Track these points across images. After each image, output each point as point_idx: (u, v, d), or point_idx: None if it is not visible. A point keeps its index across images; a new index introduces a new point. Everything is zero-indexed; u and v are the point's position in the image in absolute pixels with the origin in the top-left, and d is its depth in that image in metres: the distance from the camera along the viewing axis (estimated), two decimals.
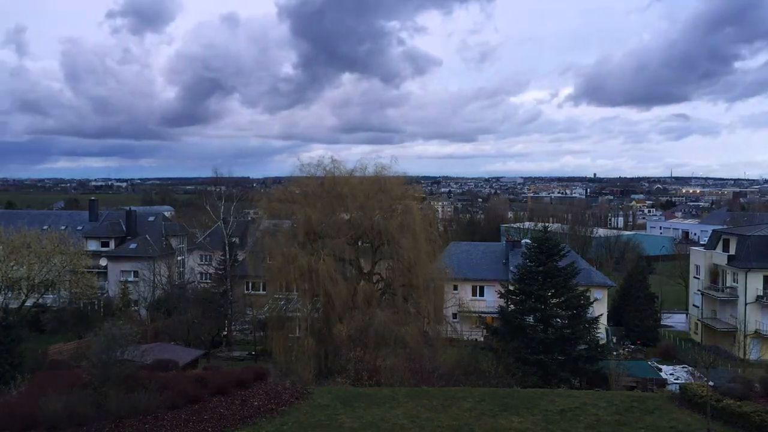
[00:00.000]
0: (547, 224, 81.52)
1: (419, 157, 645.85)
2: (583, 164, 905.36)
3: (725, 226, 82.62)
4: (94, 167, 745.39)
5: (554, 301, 40.78)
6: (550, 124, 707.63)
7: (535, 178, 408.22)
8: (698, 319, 64.70)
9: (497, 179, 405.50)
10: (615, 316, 63.13)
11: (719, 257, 61.54)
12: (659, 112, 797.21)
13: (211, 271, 69.45)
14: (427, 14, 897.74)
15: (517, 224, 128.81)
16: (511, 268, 53.04)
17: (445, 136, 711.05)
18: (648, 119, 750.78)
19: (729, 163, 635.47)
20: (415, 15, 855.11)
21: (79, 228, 74.58)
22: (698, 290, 65.17)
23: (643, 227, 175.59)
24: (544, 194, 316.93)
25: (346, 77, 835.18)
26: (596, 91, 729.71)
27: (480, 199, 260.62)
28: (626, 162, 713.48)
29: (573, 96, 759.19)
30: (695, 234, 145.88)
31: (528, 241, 56.21)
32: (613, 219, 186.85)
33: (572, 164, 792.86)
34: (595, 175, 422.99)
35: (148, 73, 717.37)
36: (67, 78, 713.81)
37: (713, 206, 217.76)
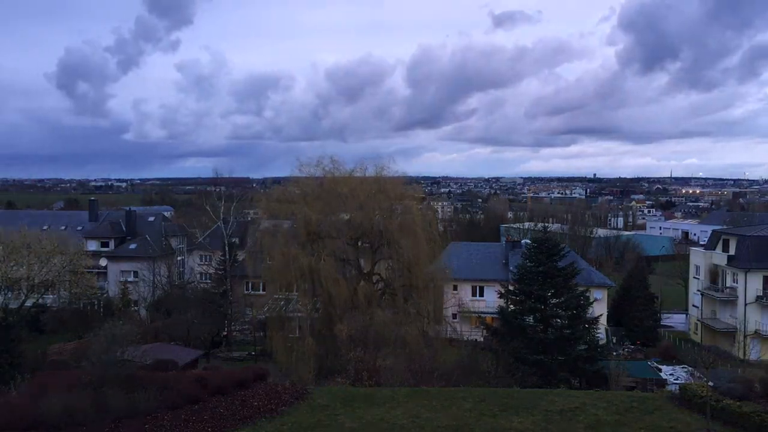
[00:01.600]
0: (546, 224, 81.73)
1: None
2: (583, 164, 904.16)
3: (725, 227, 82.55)
4: None
5: (554, 301, 40.74)
6: None
7: (535, 178, 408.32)
8: (698, 320, 64.70)
9: (497, 179, 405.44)
10: (615, 316, 63.11)
11: (719, 257, 61.54)
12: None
13: (211, 271, 69.43)
14: None
15: (517, 224, 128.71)
16: (511, 268, 53.04)
17: None
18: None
19: (729, 164, 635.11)
20: None
21: (79, 228, 74.60)
22: (698, 290, 65.16)
23: (642, 227, 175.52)
24: (543, 194, 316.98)
25: None
26: None
27: (480, 200, 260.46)
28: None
29: None
30: (695, 234, 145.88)
31: (528, 241, 56.19)
32: (612, 219, 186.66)
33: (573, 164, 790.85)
34: (594, 175, 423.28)
35: None
36: None
37: (713, 206, 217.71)
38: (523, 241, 65.96)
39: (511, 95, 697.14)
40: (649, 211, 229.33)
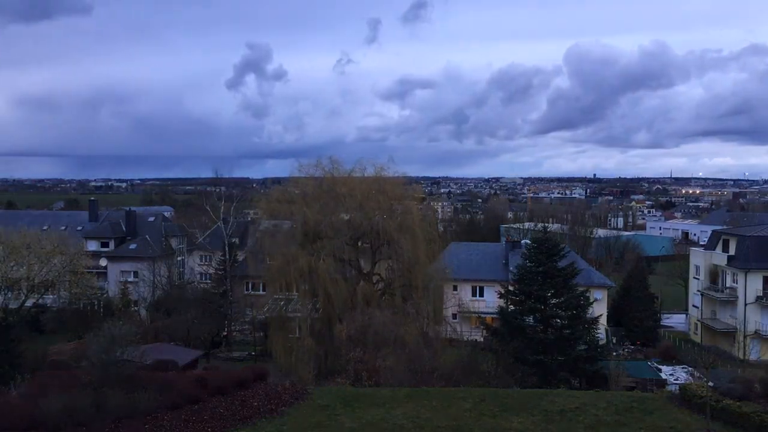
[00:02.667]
0: (546, 225, 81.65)
1: None
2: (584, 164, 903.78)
3: (725, 227, 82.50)
4: None
5: (554, 301, 40.75)
6: None
7: (535, 178, 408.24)
8: (698, 320, 64.69)
9: (497, 179, 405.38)
10: (615, 316, 63.07)
11: (719, 258, 61.53)
12: None
13: (211, 271, 69.42)
14: None
15: (517, 225, 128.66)
16: (511, 268, 53.02)
17: None
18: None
19: (729, 164, 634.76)
20: None
21: (79, 228, 74.55)
22: (698, 291, 65.15)
23: (642, 228, 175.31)
24: (543, 195, 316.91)
25: None
26: None
27: (480, 200, 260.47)
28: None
29: None
30: (695, 234, 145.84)
31: (528, 241, 56.17)
32: (612, 219, 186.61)
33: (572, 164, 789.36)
34: (594, 175, 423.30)
35: None
36: None
37: (713, 207, 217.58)
38: (523, 242, 65.94)
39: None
40: (649, 212, 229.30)
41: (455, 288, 60.43)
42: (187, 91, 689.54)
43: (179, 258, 74.30)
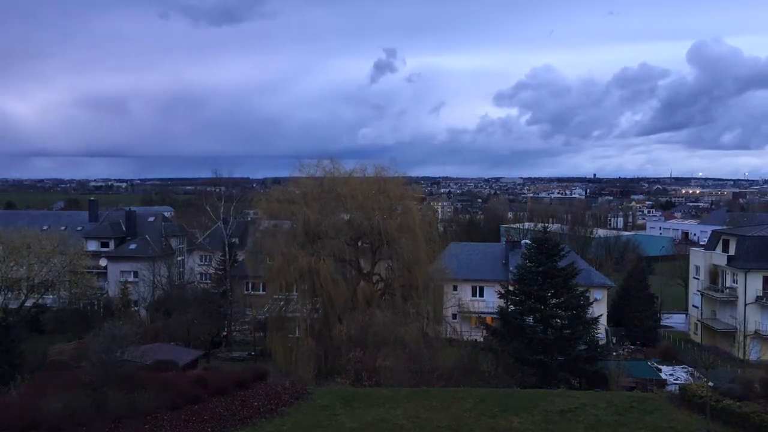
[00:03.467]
0: (546, 225, 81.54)
1: None
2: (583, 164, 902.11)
3: (725, 227, 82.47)
4: None
5: (554, 301, 40.75)
6: None
7: (535, 178, 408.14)
8: (698, 320, 64.70)
9: (497, 179, 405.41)
10: (615, 316, 63.09)
11: (719, 258, 61.54)
12: None
13: (211, 271, 69.46)
14: None
15: (517, 225, 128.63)
16: (511, 268, 53.03)
17: None
18: None
19: (729, 164, 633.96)
20: None
21: (79, 228, 74.56)
22: (698, 291, 65.16)
23: (642, 228, 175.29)
24: (543, 195, 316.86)
25: None
26: None
27: (480, 200, 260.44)
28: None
29: None
30: (695, 234, 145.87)
31: (528, 241, 56.17)
32: (612, 219, 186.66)
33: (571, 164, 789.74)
34: (594, 175, 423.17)
35: None
36: None
37: (713, 207, 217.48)
38: (523, 242, 65.95)
39: None
40: (649, 212, 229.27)
41: (455, 288, 60.43)
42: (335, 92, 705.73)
43: (179, 258, 74.31)
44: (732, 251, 59.81)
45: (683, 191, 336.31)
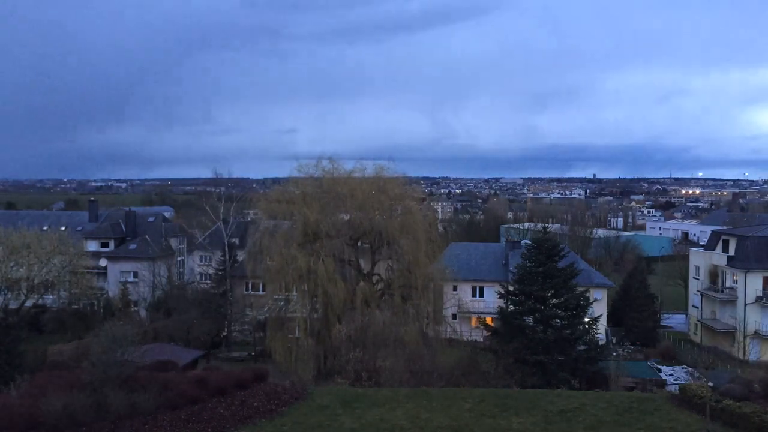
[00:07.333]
0: (546, 225, 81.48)
1: None
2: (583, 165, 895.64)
3: (725, 227, 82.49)
4: None
5: (554, 301, 40.77)
6: None
7: (535, 178, 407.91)
8: (698, 320, 64.71)
9: (497, 180, 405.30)
10: (615, 316, 63.12)
11: (719, 258, 61.56)
12: None
13: (211, 271, 69.40)
14: None
15: (517, 225, 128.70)
16: (511, 268, 53.02)
17: None
18: None
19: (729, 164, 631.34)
20: None
21: (79, 228, 74.53)
22: (698, 291, 65.18)
23: (642, 228, 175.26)
24: (543, 195, 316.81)
25: None
26: None
27: (479, 200, 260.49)
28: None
29: None
30: (695, 235, 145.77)
31: (527, 241, 56.22)
32: (612, 220, 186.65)
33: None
34: (594, 175, 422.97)
35: None
36: None
37: (713, 207, 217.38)
38: (522, 242, 65.96)
39: None
40: (648, 212, 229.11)
41: (455, 288, 60.42)
42: None
43: (179, 258, 74.31)
44: (732, 251, 59.83)
45: (683, 191, 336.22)
